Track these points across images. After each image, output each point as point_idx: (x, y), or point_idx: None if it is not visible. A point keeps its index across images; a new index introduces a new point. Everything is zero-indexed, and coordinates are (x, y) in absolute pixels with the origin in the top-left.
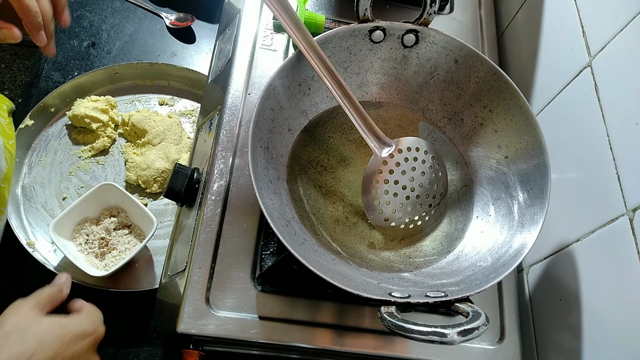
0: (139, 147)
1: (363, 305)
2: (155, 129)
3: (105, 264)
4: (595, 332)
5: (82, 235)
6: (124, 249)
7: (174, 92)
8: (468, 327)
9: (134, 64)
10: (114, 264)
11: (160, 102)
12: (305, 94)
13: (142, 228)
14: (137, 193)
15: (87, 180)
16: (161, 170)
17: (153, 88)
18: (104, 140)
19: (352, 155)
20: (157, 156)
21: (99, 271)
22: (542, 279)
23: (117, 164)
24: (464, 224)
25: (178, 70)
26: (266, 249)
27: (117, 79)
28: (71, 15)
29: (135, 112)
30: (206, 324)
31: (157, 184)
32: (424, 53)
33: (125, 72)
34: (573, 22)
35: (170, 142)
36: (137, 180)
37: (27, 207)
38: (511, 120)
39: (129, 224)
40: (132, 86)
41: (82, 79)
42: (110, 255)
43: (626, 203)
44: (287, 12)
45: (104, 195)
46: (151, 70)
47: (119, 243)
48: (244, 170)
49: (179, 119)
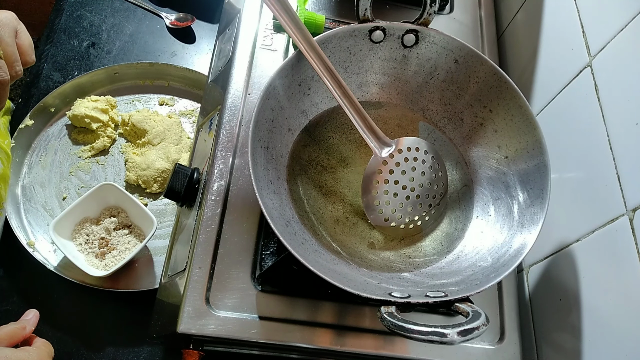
0: (139, 147)
1: (363, 305)
2: (155, 129)
3: (105, 264)
4: (595, 332)
5: (82, 235)
6: (124, 249)
7: (174, 92)
8: (468, 327)
9: (134, 64)
10: (114, 264)
11: (161, 102)
12: (305, 94)
13: (142, 228)
14: (137, 193)
15: (87, 180)
16: (161, 170)
17: (153, 88)
18: (104, 140)
19: (352, 155)
20: (157, 156)
21: (99, 271)
22: (542, 279)
23: (117, 164)
24: (464, 224)
25: (178, 70)
26: (266, 249)
27: (117, 79)
28: (71, 16)
29: (136, 112)
30: (206, 324)
31: (157, 184)
32: (424, 53)
33: (126, 72)
34: (573, 22)
35: (170, 142)
36: (137, 180)
37: (27, 207)
38: (511, 120)
39: (129, 224)
40: (132, 86)
41: (82, 79)
42: (110, 255)
43: (626, 203)
44: (287, 12)
45: (104, 195)
46: (151, 70)
47: (119, 243)
48: (244, 170)
49: (179, 119)
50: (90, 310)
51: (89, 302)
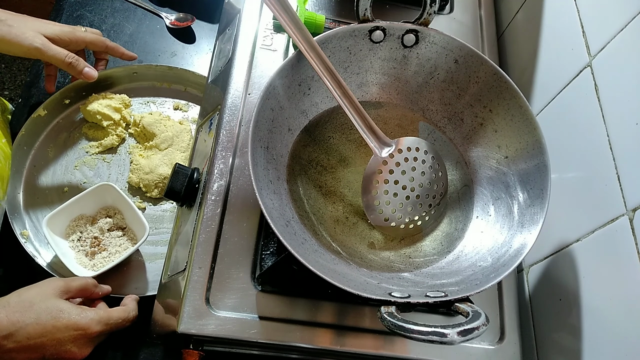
0: (146, 150)
1: (363, 305)
2: (164, 133)
3: (94, 264)
4: (595, 332)
5: (75, 232)
6: (115, 251)
7: (189, 98)
8: (468, 327)
9: (153, 66)
10: (102, 265)
11: (175, 107)
12: (305, 94)
13: (135, 232)
14: (137, 196)
15: (90, 176)
16: (163, 176)
17: (170, 92)
18: (113, 139)
19: (352, 155)
20: (161, 161)
21: (86, 271)
22: (542, 279)
23: (122, 164)
24: (464, 224)
25: (196, 77)
26: (266, 249)
27: (135, 78)
28: (71, 16)
29: (148, 114)
30: (206, 324)
31: (158, 190)
32: (424, 53)
33: (145, 72)
34: (573, 22)
35: (177, 149)
36: (138, 183)
37: (27, 197)
38: (511, 120)
39: (123, 226)
40: (150, 87)
41: (100, 75)
42: (100, 255)
43: (626, 203)
44: (287, 12)
45: (103, 195)
46: (169, 74)
47: (110, 244)
48: (244, 170)
49: (189, 126)
50: None
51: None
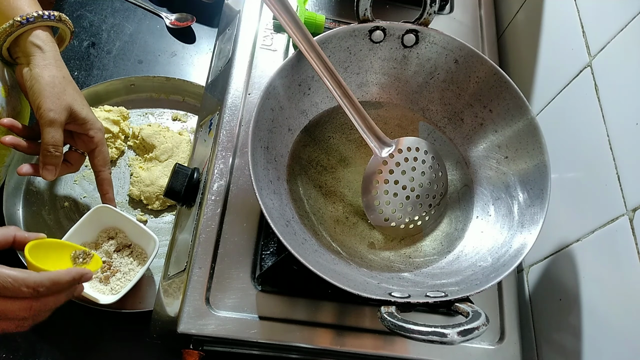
0: (146, 162)
1: (363, 305)
2: (164, 145)
3: (112, 287)
4: (595, 332)
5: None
6: (128, 270)
7: (188, 108)
8: (468, 327)
9: (150, 77)
10: (121, 286)
11: (174, 118)
12: (305, 94)
13: (142, 247)
14: (138, 208)
15: (90, 190)
16: None
17: (168, 102)
18: (112, 152)
19: (352, 155)
20: (162, 173)
21: (108, 297)
22: (542, 279)
23: (122, 177)
24: (464, 224)
25: (194, 87)
26: (266, 249)
27: (133, 90)
28: (71, 15)
29: (147, 126)
30: (206, 324)
31: (159, 202)
32: (424, 53)
33: (142, 84)
34: (573, 22)
35: (177, 160)
36: (139, 195)
37: (26, 211)
38: (511, 120)
39: (128, 243)
40: (148, 99)
41: (98, 87)
42: (114, 278)
43: (626, 203)
44: (287, 12)
45: (99, 218)
46: (167, 85)
47: (121, 265)
48: (244, 170)
49: (189, 136)
50: (89, 312)
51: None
